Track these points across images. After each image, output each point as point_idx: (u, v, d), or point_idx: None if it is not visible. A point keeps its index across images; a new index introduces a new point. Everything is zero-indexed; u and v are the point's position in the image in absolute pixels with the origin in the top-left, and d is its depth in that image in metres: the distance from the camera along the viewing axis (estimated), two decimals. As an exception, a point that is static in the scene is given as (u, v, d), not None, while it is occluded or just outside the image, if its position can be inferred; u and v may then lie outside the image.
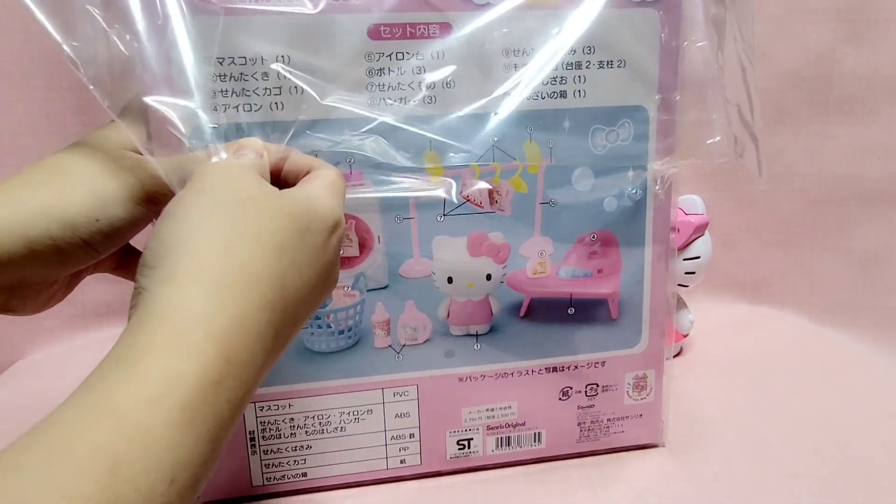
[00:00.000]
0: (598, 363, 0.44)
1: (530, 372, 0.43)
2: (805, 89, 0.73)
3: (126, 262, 0.37)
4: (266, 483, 0.42)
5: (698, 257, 0.60)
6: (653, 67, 0.40)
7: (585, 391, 0.44)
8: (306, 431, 0.42)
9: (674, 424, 0.50)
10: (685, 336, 0.64)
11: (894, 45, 0.70)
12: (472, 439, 0.44)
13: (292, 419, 0.42)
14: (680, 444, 0.47)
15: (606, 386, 0.45)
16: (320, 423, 0.42)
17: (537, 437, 0.45)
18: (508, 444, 0.44)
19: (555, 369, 0.44)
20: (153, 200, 0.32)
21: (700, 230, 0.59)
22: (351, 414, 0.42)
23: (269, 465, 0.42)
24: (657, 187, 0.42)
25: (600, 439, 0.46)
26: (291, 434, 0.42)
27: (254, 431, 0.41)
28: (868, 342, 0.67)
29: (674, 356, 0.64)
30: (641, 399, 0.46)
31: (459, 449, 0.44)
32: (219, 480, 0.42)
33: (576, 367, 0.44)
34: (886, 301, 0.72)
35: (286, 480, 0.43)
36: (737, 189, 0.76)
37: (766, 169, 0.76)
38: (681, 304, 0.64)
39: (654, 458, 0.46)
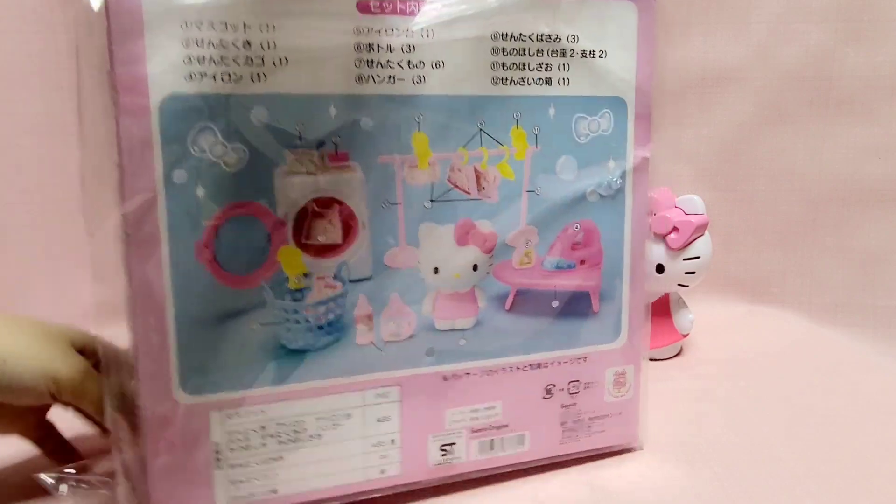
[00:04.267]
0: (580, 359, 0.43)
1: (515, 369, 0.42)
2: (805, 89, 0.73)
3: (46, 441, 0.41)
4: (231, 502, 0.37)
5: (698, 257, 0.59)
6: (630, 59, 0.40)
7: (568, 388, 0.43)
8: (279, 441, 0.37)
9: (673, 424, 0.50)
10: (685, 336, 0.63)
11: (894, 45, 0.70)
12: (454, 443, 0.41)
13: (263, 427, 0.37)
14: (680, 443, 0.47)
15: (588, 383, 0.44)
16: (294, 431, 0.38)
17: (521, 440, 0.43)
18: (492, 447, 0.42)
19: (539, 365, 0.42)
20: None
21: (700, 230, 0.59)
22: (328, 419, 0.38)
23: (235, 481, 0.37)
24: (633, 177, 0.41)
25: (581, 440, 0.44)
26: (262, 445, 0.37)
27: (219, 444, 0.36)
28: (868, 342, 0.67)
29: (674, 356, 0.64)
30: (621, 396, 0.44)
31: (442, 454, 0.41)
32: (173, 501, 0.36)
33: (559, 364, 0.43)
34: (886, 301, 0.72)
35: (254, 499, 0.37)
36: (737, 189, 0.76)
37: (765, 168, 0.76)
38: (681, 304, 0.64)
39: (653, 458, 0.45)
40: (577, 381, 0.43)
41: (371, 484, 0.40)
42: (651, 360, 0.63)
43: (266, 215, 0.35)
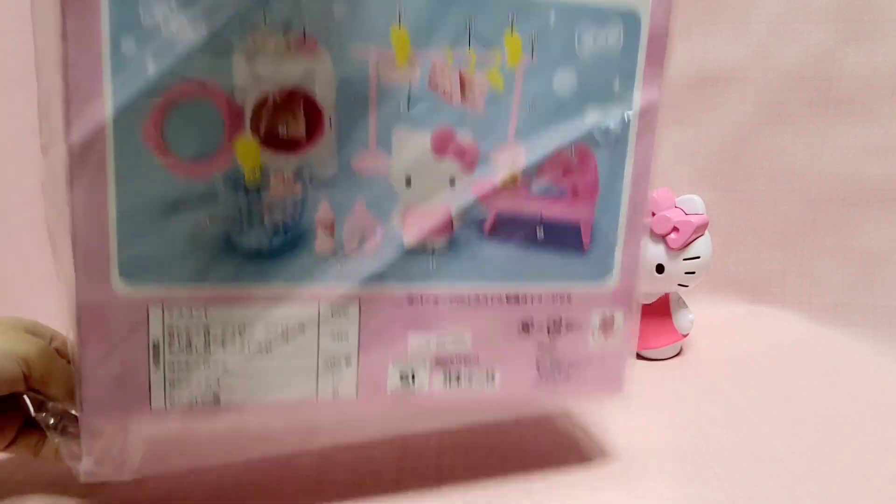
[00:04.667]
0: (563, 296, 0.39)
1: (489, 300, 0.38)
2: (805, 89, 0.73)
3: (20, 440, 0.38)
4: (169, 406, 0.34)
5: (698, 257, 0.59)
6: None
7: (547, 327, 0.40)
8: (223, 347, 0.34)
9: (673, 424, 0.50)
10: (685, 336, 0.63)
11: (894, 45, 0.70)
12: (416, 372, 0.38)
13: (208, 330, 0.34)
14: (680, 443, 0.47)
15: (570, 324, 0.40)
16: (241, 338, 0.35)
17: (490, 377, 0.39)
18: (458, 380, 0.39)
19: (516, 299, 0.39)
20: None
21: (700, 230, 0.59)
22: (279, 330, 0.35)
23: (174, 384, 0.34)
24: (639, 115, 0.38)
25: (559, 385, 0.41)
26: (205, 348, 0.34)
27: (158, 341, 0.33)
28: (868, 342, 0.67)
29: (674, 356, 0.64)
30: (607, 343, 0.41)
31: (402, 382, 0.38)
32: (107, 400, 0.34)
33: (539, 299, 0.39)
34: (886, 301, 0.72)
35: (194, 406, 0.35)
36: (737, 189, 0.76)
37: (765, 168, 0.76)
38: (681, 304, 0.64)
39: (653, 459, 0.45)
40: (559, 320, 0.40)
41: (323, 404, 0.37)
42: (651, 360, 0.63)
43: (222, 100, 0.32)
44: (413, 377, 0.38)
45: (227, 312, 0.34)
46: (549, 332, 0.40)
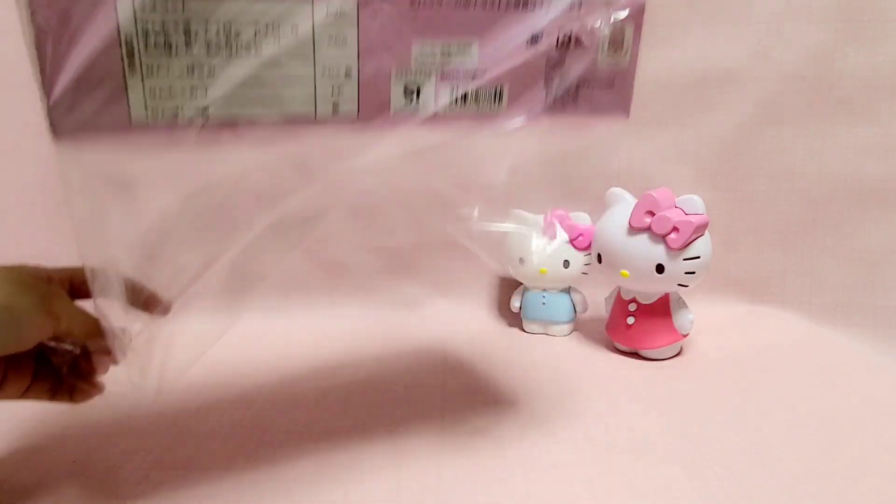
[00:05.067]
0: (573, 4, 0.37)
1: (496, 4, 0.35)
2: (805, 89, 0.72)
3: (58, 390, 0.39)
4: (151, 118, 0.31)
5: (698, 257, 0.59)
6: None
7: (557, 40, 0.37)
8: (207, 48, 0.30)
9: (673, 424, 0.50)
10: (685, 336, 0.63)
11: (894, 45, 0.70)
12: (421, 86, 0.36)
13: (188, 26, 0.30)
14: (680, 443, 0.47)
15: (580, 38, 0.38)
16: (227, 39, 0.31)
17: (498, 96, 0.38)
18: (465, 99, 0.37)
19: (524, 4, 0.36)
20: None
21: (700, 230, 0.59)
22: (269, 29, 0.31)
23: (154, 92, 0.30)
24: None
25: (568, 106, 0.39)
26: (186, 49, 0.30)
27: (131, 38, 0.29)
28: (868, 342, 0.66)
29: (674, 356, 0.64)
30: (616, 61, 0.39)
31: (406, 99, 0.36)
32: (80, 117, 0.29)
33: (549, 6, 0.36)
34: (886, 301, 0.72)
35: (180, 118, 0.31)
36: (737, 189, 0.75)
37: (765, 168, 0.76)
38: (681, 304, 0.64)
39: (653, 459, 0.45)
40: (568, 34, 0.38)
41: (322, 120, 0.34)
42: (651, 360, 0.63)
43: None
44: (418, 92, 0.36)
45: (208, 5, 0.30)
46: (558, 46, 0.38)
